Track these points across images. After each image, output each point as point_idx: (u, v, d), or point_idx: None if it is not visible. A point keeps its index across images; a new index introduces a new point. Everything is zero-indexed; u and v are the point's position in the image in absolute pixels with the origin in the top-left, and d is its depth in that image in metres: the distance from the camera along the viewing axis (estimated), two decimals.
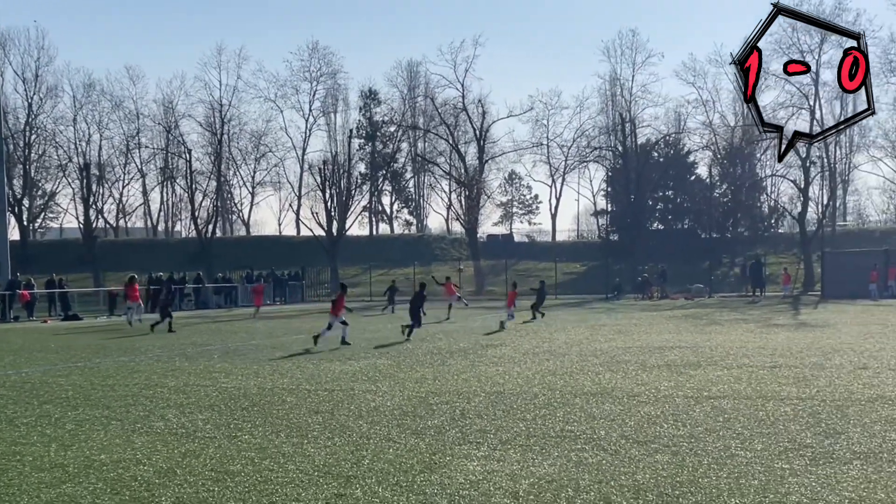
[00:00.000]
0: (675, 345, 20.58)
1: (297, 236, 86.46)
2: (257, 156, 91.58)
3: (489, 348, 21.00)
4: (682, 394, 12.70)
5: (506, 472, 8.04)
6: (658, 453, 8.70)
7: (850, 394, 12.27)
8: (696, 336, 23.13)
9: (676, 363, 16.72)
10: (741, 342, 20.92)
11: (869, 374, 14.40)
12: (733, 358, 17.37)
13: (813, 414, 10.71)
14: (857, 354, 17.48)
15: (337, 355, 19.74)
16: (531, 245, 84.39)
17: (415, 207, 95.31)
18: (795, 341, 20.83)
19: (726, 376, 14.52)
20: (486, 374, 15.59)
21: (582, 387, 13.68)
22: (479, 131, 72.08)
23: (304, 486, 7.59)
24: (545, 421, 10.64)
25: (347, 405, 12.19)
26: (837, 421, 10.21)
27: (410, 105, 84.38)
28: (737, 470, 7.94)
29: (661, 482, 7.55)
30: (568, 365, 16.86)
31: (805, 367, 15.60)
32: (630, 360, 17.54)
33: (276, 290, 56.29)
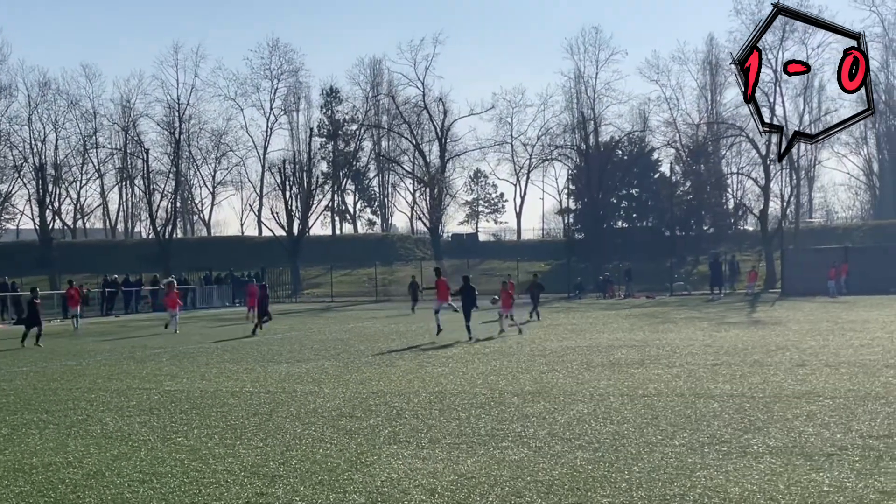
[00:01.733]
0: (624, 343, 21.05)
1: (258, 237, 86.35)
2: (218, 155, 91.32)
3: (440, 349, 21.35)
4: (618, 392, 13.11)
5: (428, 469, 8.38)
6: (580, 450, 9.08)
7: (781, 390, 12.75)
8: (648, 335, 23.62)
9: (620, 362, 17.16)
10: (689, 340, 21.42)
11: (805, 370, 14.90)
12: (677, 356, 17.84)
13: (739, 410, 11.15)
14: (798, 352, 18.01)
15: (286, 357, 20.00)
16: (497, 244, 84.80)
17: (378, 206, 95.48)
18: (743, 339, 21.37)
19: (665, 374, 14.97)
20: (430, 375, 15.93)
21: (522, 386, 14.06)
22: (441, 130, 72.54)
23: (227, 486, 7.89)
24: (478, 420, 10.99)
25: (287, 407, 12.47)
26: (760, 416, 10.65)
27: (373, 103, 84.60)
28: (651, 464, 8.33)
29: (575, 477, 7.92)
30: (514, 365, 17.24)
31: (745, 364, 16.10)
32: (576, 359, 17.96)
33: (237, 292, 56.27)
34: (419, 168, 75.51)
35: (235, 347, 23.24)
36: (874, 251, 51.93)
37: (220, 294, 55.28)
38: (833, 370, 14.83)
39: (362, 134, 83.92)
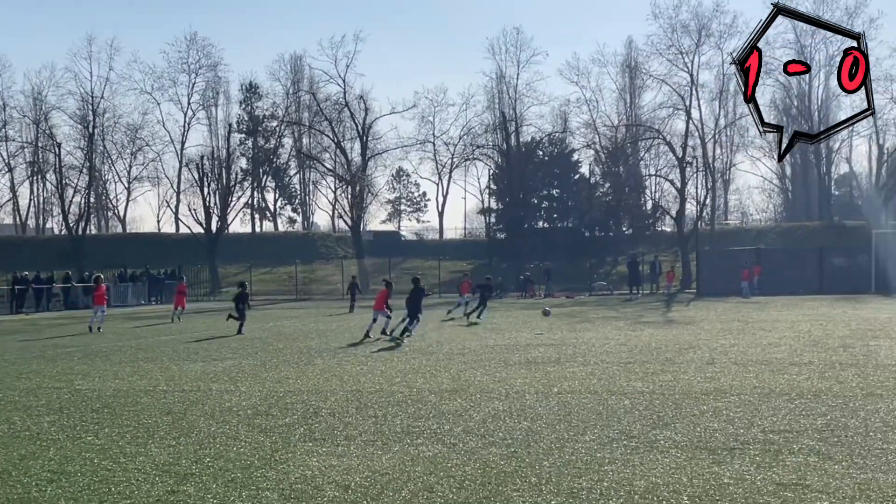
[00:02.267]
0: (542, 342, 21.39)
1: (176, 234, 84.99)
2: (133, 150, 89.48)
3: (359, 347, 21.41)
4: (534, 389, 13.36)
5: (343, 466, 8.47)
6: (493, 446, 9.27)
7: (690, 387, 13.16)
8: (565, 334, 24.02)
9: (537, 360, 17.46)
10: (605, 339, 21.88)
11: (714, 369, 15.38)
12: (593, 355, 18.23)
13: (648, 406, 11.49)
14: (709, 350, 18.56)
15: (202, 356, 19.82)
16: (419, 243, 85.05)
17: (299, 204, 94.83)
18: (657, 338, 21.92)
19: (580, 372, 15.29)
20: (349, 373, 15.99)
21: (440, 384, 14.22)
22: (362, 128, 72.36)
23: (138, 485, 7.86)
24: (394, 418, 11.11)
25: (201, 405, 12.41)
26: (669, 413, 11.00)
27: (294, 100, 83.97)
28: (561, 460, 8.56)
29: (487, 472, 8.10)
30: (433, 363, 17.41)
31: (657, 362, 16.54)
32: (494, 357, 18.20)
33: (152, 290, 55.31)
34: (340, 166, 75.17)
35: (150, 346, 22.91)
36: (785, 253, 53.67)
37: (135, 292, 54.26)
38: (741, 368, 15.34)
39: (282, 130, 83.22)
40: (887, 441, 9.06)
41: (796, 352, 17.77)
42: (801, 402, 11.58)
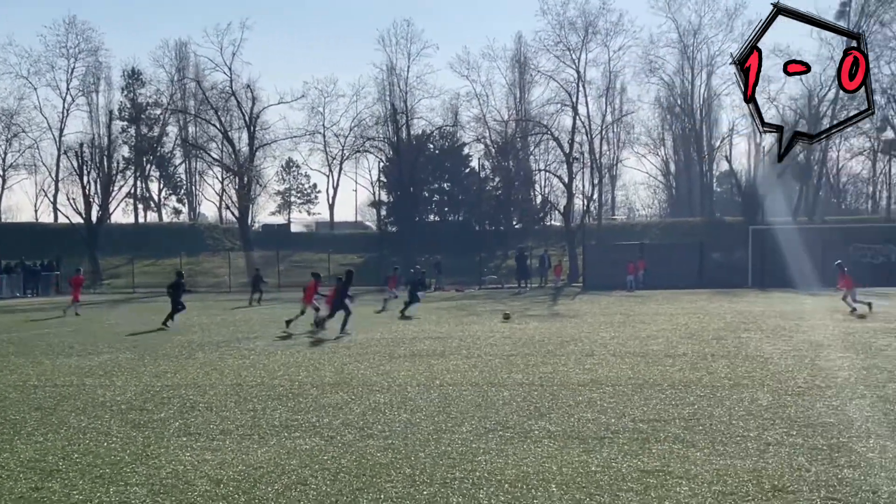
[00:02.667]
0: (428, 335, 21.55)
1: (54, 223, 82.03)
2: (8, 136, 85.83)
3: (243, 341, 21.17)
4: (416, 382, 13.50)
5: (217, 460, 8.43)
6: (371, 438, 9.36)
7: (568, 379, 13.52)
8: (452, 327, 24.25)
9: (422, 353, 17.62)
10: (490, 332, 22.19)
11: (593, 360, 15.81)
12: (477, 347, 18.48)
13: (526, 398, 11.76)
14: (590, 342, 19.04)
15: (78, 350, 19.28)
16: (310, 235, 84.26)
17: (185, 195, 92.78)
18: (540, 331, 22.35)
19: (463, 365, 15.51)
20: (230, 367, 15.83)
21: (322, 377, 14.23)
22: (250, 117, 71.20)
23: (0, 482, 7.64)
24: (273, 411, 11.08)
25: (73, 400, 12.11)
26: (545, 404, 11.29)
27: (179, 87, 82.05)
28: (437, 451, 8.72)
29: (363, 464, 8.19)
30: (317, 356, 17.37)
31: (539, 354, 16.90)
32: (379, 350, 18.28)
33: (28, 282, 53.35)
34: (228, 156, 73.89)
35: (23, 340, 22.15)
36: (668, 248, 55.34)
37: (10, 283, 52.22)
38: (618, 360, 15.82)
39: (167, 118, 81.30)
40: (748, 429, 9.52)
41: (672, 344, 18.39)
42: (672, 392, 12.04)
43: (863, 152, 75.52)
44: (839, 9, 61.50)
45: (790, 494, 7.09)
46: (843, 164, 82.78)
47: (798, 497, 7.02)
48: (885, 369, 13.77)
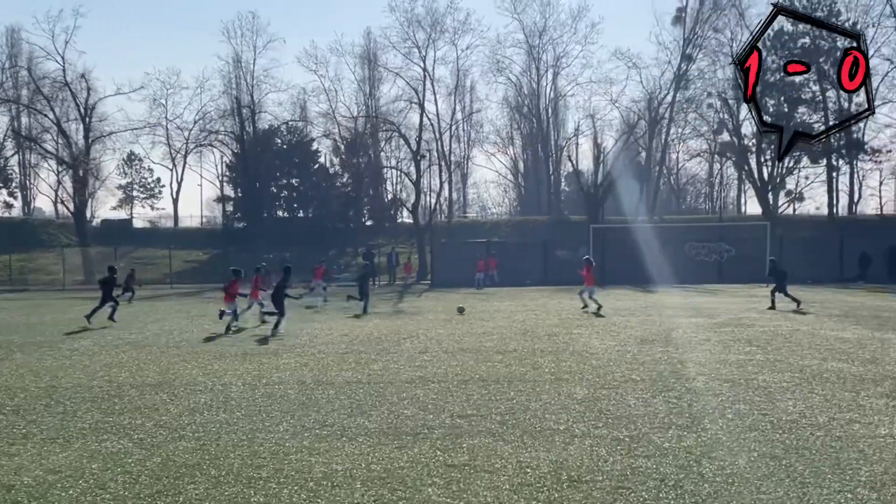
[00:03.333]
0: (265, 333, 21.32)
1: None
2: None
3: (68, 340, 20.41)
4: (242, 381, 13.37)
5: (13, 466, 8.15)
6: (182, 440, 9.22)
7: (397, 376, 13.67)
8: (292, 325, 23.98)
9: (254, 351, 17.44)
10: (329, 330, 22.17)
11: (425, 357, 16.02)
12: (312, 345, 18.42)
13: (351, 396, 11.83)
14: (427, 339, 19.28)
15: None
16: (153, 231, 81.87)
17: (17, 188, 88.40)
18: (380, 328, 22.46)
19: (294, 363, 15.45)
20: (47, 369, 15.24)
21: (145, 378, 13.89)
22: (84, 108, 68.45)
23: None
24: (84, 414, 10.77)
25: None
26: (369, 401, 11.39)
27: (11, 76, 78.08)
28: (250, 451, 8.69)
29: (168, 466, 8.08)
30: (144, 356, 16.92)
31: (372, 352, 16.99)
32: (211, 349, 17.97)
33: None
34: (63, 148, 70.86)
35: None
36: (516, 246, 56.53)
37: None
38: (450, 356, 16.09)
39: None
40: (559, 422, 9.89)
41: (504, 340, 18.83)
42: (495, 387, 12.35)
43: (700, 154, 79.20)
44: (675, 13, 64.16)
45: (584, 484, 7.43)
46: (683, 165, 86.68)
47: (591, 486, 7.37)
48: (699, 363, 14.53)
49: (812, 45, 59.89)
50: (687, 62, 62.12)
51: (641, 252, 48.29)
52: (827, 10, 60.13)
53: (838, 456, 8.17)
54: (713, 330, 20.27)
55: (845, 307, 26.82)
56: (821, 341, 17.54)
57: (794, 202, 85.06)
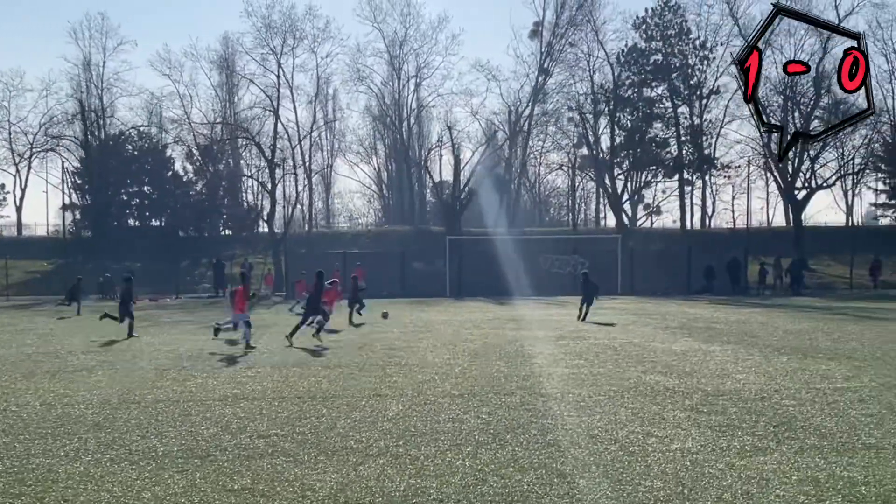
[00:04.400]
0: (88, 349, 20.41)
1: None
2: None
3: None
4: (42, 401, 12.72)
5: None
6: None
7: (211, 393, 13.25)
8: (122, 340, 23.13)
9: (69, 368, 16.63)
10: (159, 344, 21.41)
11: (250, 373, 15.60)
12: (134, 360, 17.74)
13: (154, 415, 11.40)
14: (257, 354, 18.80)
15: None
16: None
17: None
18: (212, 343, 21.76)
19: (108, 380, 14.78)
20: None
21: None
22: None
23: None
24: None
25: None
26: (172, 421, 10.96)
27: None
28: (17, 476, 8.22)
29: None
30: None
31: (196, 368, 16.42)
32: (23, 367, 17.04)
33: None
34: None
35: None
36: (373, 256, 56.21)
37: None
38: (275, 371, 15.72)
39: None
40: (360, 441, 9.71)
41: (338, 355, 18.53)
42: (310, 404, 12.07)
43: (561, 167, 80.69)
44: (532, 27, 65.20)
45: None
46: (545, 178, 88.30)
47: None
48: (523, 377, 14.62)
49: (664, 62, 62.11)
50: (544, 76, 63.36)
51: (498, 264, 48.86)
52: (677, 28, 62.49)
53: (624, 471, 8.25)
54: (549, 343, 20.55)
55: (684, 319, 27.71)
56: (648, 354, 17.98)
57: (651, 215, 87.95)
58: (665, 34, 62.56)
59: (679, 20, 63.04)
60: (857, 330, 23.37)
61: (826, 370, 15.27)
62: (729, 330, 23.62)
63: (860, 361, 16.40)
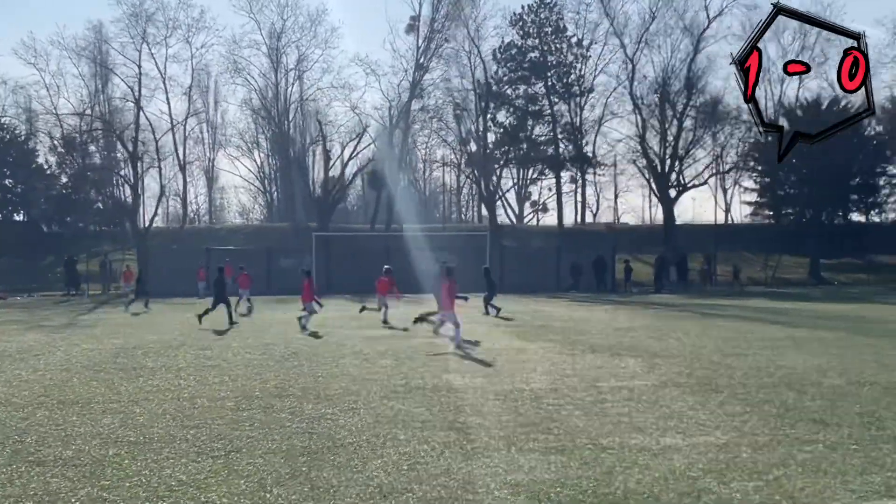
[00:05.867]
0: None
1: None
2: None
3: None
4: None
5: None
6: None
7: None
8: None
9: None
10: None
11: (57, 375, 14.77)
12: None
13: None
14: (67, 354, 17.92)
15: None
16: None
17: None
18: (31, 342, 20.74)
19: None
20: None
21: None
22: None
23: None
24: None
25: None
26: None
27: None
28: None
29: None
30: None
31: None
32: None
33: None
34: None
35: None
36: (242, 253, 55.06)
37: None
38: (67, 373, 14.91)
39: None
40: (56, 448, 9.08)
41: (136, 356, 17.80)
42: (46, 412, 11.36)
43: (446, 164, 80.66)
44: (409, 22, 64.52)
45: None
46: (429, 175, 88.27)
47: None
48: (296, 379, 14.16)
49: (540, 59, 62.55)
50: (422, 71, 62.97)
51: (368, 261, 48.32)
52: (553, 26, 63.01)
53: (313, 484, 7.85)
54: (365, 341, 20.18)
55: (527, 317, 27.73)
56: (454, 353, 17.73)
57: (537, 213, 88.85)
58: (542, 31, 63.00)
59: (556, 18, 63.58)
60: (687, 327, 23.68)
61: (623, 368, 15.21)
62: (564, 328, 23.61)
63: (662, 359, 16.39)
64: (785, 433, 9.66)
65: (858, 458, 8.53)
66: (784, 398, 11.88)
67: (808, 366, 15.38)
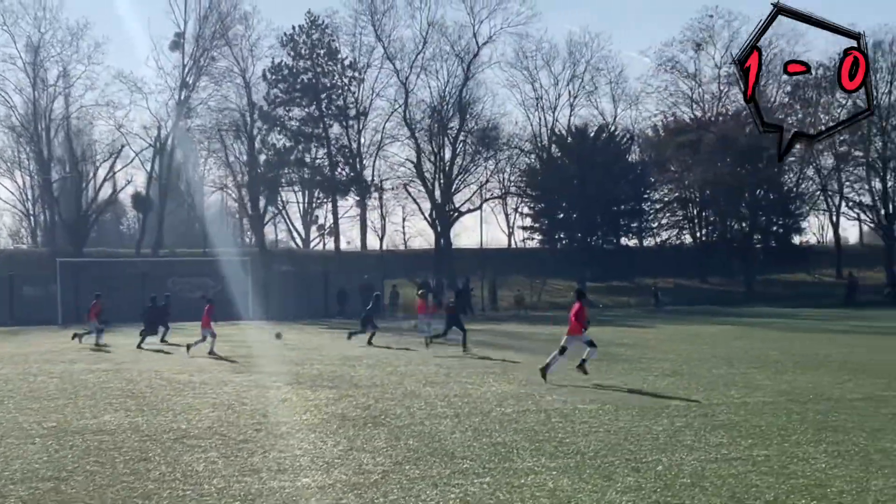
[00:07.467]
0: None
1: None
2: None
3: None
4: None
5: None
6: None
7: None
8: None
9: None
10: None
11: None
12: None
13: None
14: None
15: None
16: None
17: None
18: None
19: None
20: None
21: None
22: None
23: None
24: None
25: None
26: None
27: None
28: None
29: None
30: None
31: None
32: None
33: None
34: None
35: None
36: None
37: None
38: None
39: None
40: None
41: None
42: None
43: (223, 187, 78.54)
44: (173, 38, 62.29)
45: None
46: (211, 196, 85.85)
47: None
48: None
49: (313, 80, 62.28)
50: (188, 90, 61.21)
51: (124, 288, 46.26)
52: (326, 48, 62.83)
53: None
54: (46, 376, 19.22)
55: (264, 347, 27.25)
56: (152, 387, 17.12)
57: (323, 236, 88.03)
58: (314, 53, 62.81)
59: (328, 40, 63.57)
60: (412, 354, 23.98)
61: (311, 399, 15.12)
62: (290, 358, 23.28)
63: (351, 390, 16.36)
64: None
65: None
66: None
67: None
